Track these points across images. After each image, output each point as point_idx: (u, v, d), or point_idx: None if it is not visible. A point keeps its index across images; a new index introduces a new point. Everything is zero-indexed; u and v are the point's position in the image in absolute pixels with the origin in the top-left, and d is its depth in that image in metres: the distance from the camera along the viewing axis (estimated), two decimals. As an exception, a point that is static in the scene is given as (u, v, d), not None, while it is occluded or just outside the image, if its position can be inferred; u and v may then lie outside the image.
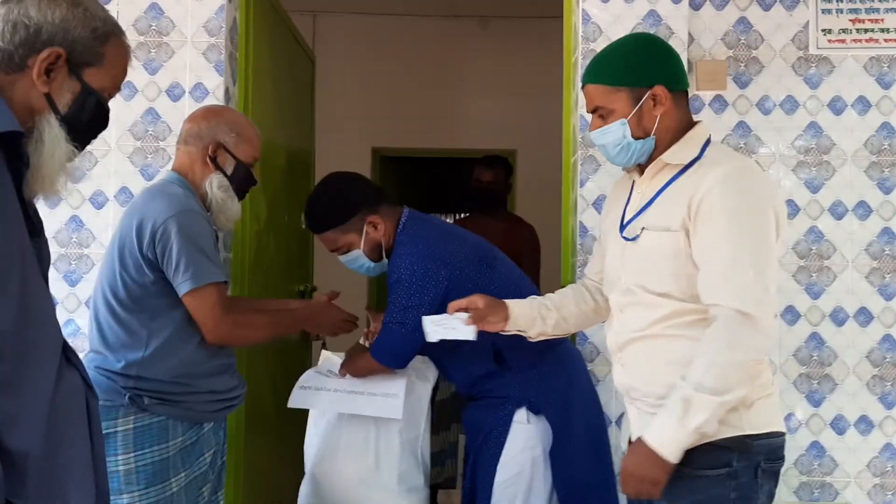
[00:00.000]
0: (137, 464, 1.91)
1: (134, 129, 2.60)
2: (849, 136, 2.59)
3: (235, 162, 2.11)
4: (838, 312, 2.56)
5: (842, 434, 2.55)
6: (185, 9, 2.61)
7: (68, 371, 1.37)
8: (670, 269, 1.62)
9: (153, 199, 1.99)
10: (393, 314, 2.14)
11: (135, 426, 1.92)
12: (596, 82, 1.71)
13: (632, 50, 1.72)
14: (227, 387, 2.07)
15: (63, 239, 2.60)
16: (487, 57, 5.74)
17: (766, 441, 1.60)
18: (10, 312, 1.23)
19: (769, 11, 2.61)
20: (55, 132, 1.32)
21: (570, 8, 2.71)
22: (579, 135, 2.58)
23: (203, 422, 2.02)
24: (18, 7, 1.32)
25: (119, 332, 1.95)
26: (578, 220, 2.56)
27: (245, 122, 2.20)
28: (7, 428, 1.21)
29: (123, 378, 1.93)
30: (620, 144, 1.70)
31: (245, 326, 2.06)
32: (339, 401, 2.21)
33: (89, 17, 1.36)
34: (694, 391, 1.50)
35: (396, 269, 2.15)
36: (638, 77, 1.68)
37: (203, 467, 2.04)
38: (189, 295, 1.93)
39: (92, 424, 1.41)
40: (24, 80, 1.32)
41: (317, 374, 2.29)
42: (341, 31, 5.70)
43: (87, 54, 1.36)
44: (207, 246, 1.97)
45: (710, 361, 1.52)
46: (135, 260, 1.93)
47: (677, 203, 1.63)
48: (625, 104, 1.68)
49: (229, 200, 2.10)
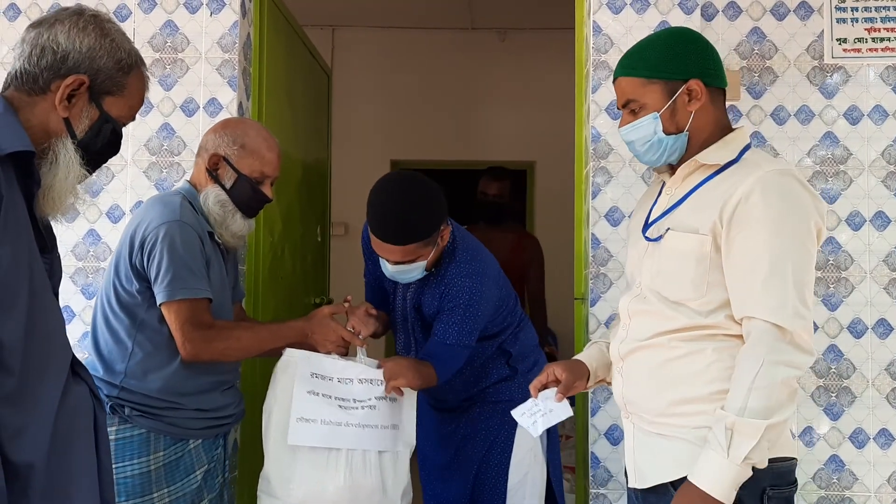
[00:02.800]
0: (118, 476, 1.86)
1: (149, 144, 2.64)
2: (866, 145, 2.56)
3: (237, 176, 2.03)
4: (856, 324, 2.52)
5: (861, 448, 2.50)
6: (200, 25, 2.65)
7: (76, 384, 1.40)
8: (691, 275, 1.54)
9: (150, 208, 1.97)
10: (460, 336, 2.09)
11: (116, 437, 1.89)
12: (628, 75, 1.62)
13: (667, 42, 1.63)
14: (216, 405, 2.01)
15: (80, 252, 2.64)
16: (505, 69, 5.75)
17: (772, 466, 1.50)
18: (18, 328, 1.26)
19: (783, 21, 2.59)
20: (70, 155, 1.36)
21: (581, 20, 2.71)
22: (591, 146, 2.57)
23: (188, 438, 1.97)
24: (49, 32, 1.37)
25: (109, 339, 1.95)
26: (591, 231, 2.55)
27: (255, 136, 2.08)
28: (12, 440, 1.23)
29: (108, 386, 1.91)
30: (650, 141, 1.61)
31: (221, 341, 1.94)
32: (339, 435, 1.99)
33: (115, 48, 1.40)
34: (737, 417, 1.41)
35: (462, 291, 2.09)
36: (673, 69, 1.59)
37: (192, 485, 1.98)
38: (163, 307, 1.90)
39: (99, 437, 1.44)
40: (44, 102, 1.36)
41: (310, 395, 2.01)
42: (359, 44, 5.75)
43: (109, 84, 1.40)
44: (192, 259, 1.90)
45: (751, 382, 1.42)
46: (125, 267, 1.92)
47: (709, 206, 1.54)
48: (658, 97, 1.59)
49: (228, 216, 2.02)
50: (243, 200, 2.04)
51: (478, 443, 2.23)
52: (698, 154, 1.60)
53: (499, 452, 2.20)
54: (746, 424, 1.41)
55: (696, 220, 1.55)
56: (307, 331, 2.08)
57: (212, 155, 2.04)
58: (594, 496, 2.49)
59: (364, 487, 1.98)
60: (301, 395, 2.00)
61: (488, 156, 5.62)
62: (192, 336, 1.89)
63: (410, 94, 5.76)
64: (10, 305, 1.25)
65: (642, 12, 2.56)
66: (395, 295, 2.26)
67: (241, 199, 2.04)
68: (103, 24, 1.41)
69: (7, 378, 1.24)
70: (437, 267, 2.14)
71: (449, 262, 2.15)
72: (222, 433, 2.08)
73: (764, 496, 1.50)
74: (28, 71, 1.36)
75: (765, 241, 1.47)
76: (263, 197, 2.08)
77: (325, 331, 2.07)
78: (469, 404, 2.25)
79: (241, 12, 2.66)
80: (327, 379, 2.03)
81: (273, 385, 2.05)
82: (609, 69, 2.55)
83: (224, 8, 2.64)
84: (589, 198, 2.58)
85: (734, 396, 1.44)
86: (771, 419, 1.42)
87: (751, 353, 1.45)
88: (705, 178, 1.59)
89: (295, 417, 1.98)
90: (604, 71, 2.56)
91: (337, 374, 2.04)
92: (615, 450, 2.48)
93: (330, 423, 1.99)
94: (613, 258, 2.53)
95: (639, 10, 2.56)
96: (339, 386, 2.03)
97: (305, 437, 1.98)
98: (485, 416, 2.24)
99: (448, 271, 2.13)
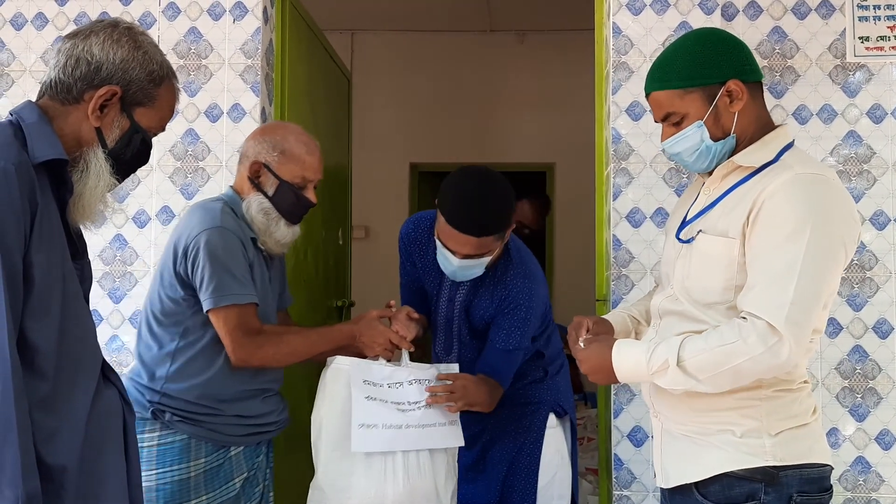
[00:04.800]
0: (158, 482, 1.88)
1: (174, 150, 2.67)
2: (890, 144, 2.54)
3: (279, 183, 2.00)
4: (881, 324, 2.50)
5: (888, 449, 2.48)
6: (223, 32, 2.68)
7: (106, 388, 1.43)
8: (721, 279, 1.51)
9: (192, 215, 1.98)
10: (520, 340, 2.11)
11: (158, 443, 1.90)
12: (662, 88, 1.57)
13: (696, 47, 1.57)
14: (258, 412, 1.99)
15: (108, 257, 2.68)
16: (524, 71, 5.76)
17: (799, 472, 1.48)
18: (52, 333, 1.29)
19: (804, 20, 2.58)
20: (101, 164, 1.39)
21: (601, 21, 2.71)
22: (612, 147, 2.57)
23: (230, 445, 1.96)
24: (84, 44, 1.40)
25: (152, 345, 1.96)
26: (612, 232, 2.55)
27: (295, 141, 2.04)
28: (46, 442, 1.26)
29: (150, 392, 1.93)
30: (698, 150, 1.56)
31: (271, 346, 1.94)
32: (401, 438, 1.98)
33: (147, 60, 1.43)
34: (675, 361, 1.45)
35: (521, 293, 2.10)
36: (709, 74, 1.54)
37: (231, 493, 1.97)
38: (211, 314, 1.91)
39: (128, 440, 1.46)
40: (77, 111, 1.39)
41: (368, 401, 1.99)
42: (379, 48, 5.78)
43: (140, 95, 1.43)
44: (235, 264, 1.90)
45: (708, 350, 1.43)
46: (169, 275, 1.94)
47: (738, 207, 1.50)
48: (698, 105, 1.54)
49: (272, 224, 2.00)
50: (286, 207, 2.02)
51: (507, 444, 2.21)
52: (735, 156, 1.57)
53: (528, 454, 2.19)
54: (675, 373, 1.46)
55: (725, 224, 1.52)
56: (356, 333, 2.06)
57: (252, 162, 2.01)
58: (617, 498, 2.49)
59: (420, 489, 1.97)
60: (360, 402, 1.97)
61: (508, 158, 5.64)
62: (242, 342, 1.89)
63: (429, 97, 5.78)
64: (45, 311, 1.28)
65: (662, 13, 2.56)
66: (440, 297, 2.24)
67: (283, 206, 2.01)
68: (136, 37, 1.43)
69: (41, 382, 1.27)
70: (493, 268, 2.13)
71: (506, 264, 2.15)
72: (264, 441, 2.06)
73: (791, 502, 1.48)
74: (62, 81, 1.39)
75: (779, 244, 1.43)
76: (307, 202, 2.05)
77: (373, 333, 2.05)
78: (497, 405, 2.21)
79: (264, 19, 2.69)
80: (378, 385, 2.02)
81: (321, 393, 2.03)
82: (629, 70, 2.55)
83: (247, 14, 2.67)
84: (610, 199, 2.58)
85: (694, 345, 1.45)
86: (695, 386, 1.46)
87: (733, 332, 1.43)
88: (741, 179, 1.55)
89: (357, 424, 1.95)
90: (624, 72, 2.56)
91: (386, 379, 2.03)
92: (638, 451, 2.48)
93: (391, 426, 1.97)
94: (635, 259, 2.53)
95: (658, 11, 2.56)
96: (392, 391, 2.02)
97: (369, 443, 1.95)
98: (514, 417, 2.23)
99: (507, 273, 2.13)
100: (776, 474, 1.48)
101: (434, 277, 2.24)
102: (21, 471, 1.17)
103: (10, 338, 1.20)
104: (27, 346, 1.25)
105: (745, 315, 1.44)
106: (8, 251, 1.21)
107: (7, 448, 1.17)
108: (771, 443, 1.49)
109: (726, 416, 1.51)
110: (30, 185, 1.26)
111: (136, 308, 2.66)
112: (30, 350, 1.25)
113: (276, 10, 2.81)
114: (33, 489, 1.19)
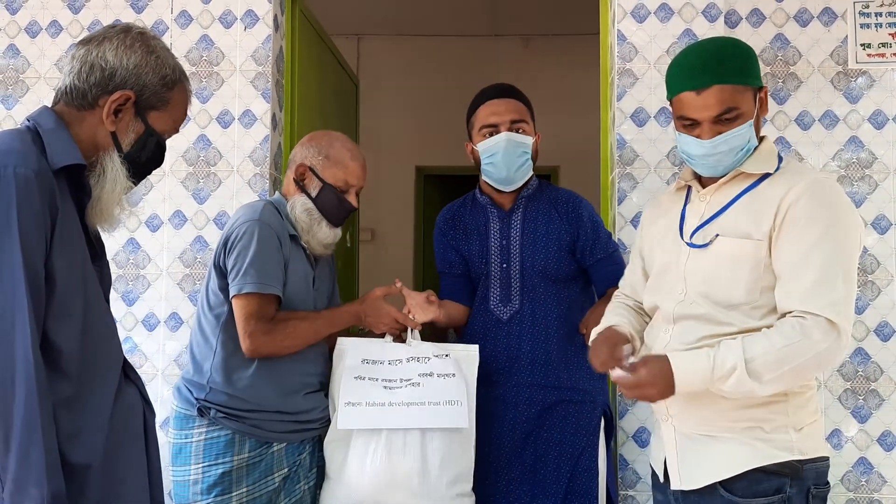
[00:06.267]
0: (203, 474, 1.95)
1: (186, 155, 2.72)
2: (891, 149, 2.58)
3: (322, 185, 2.10)
4: (883, 327, 2.54)
5: (890, 450, 2.51)
6: (235, 39, 2.73)
7: (127, 387, 1.47)
8: (745, 280, 1.55)
9: (237, 211, 2.09)
10: (610, 238, 2.31)
11: (206, 438, 1.96)
12: (723, 82, 1.55)
13: (737, 50, 1.60)
14: (299, 409, 2.02)
15: (121, 260, 2.73)
16: (529, 75, 5.77)
17: (814, 466, 1.55)
18: (75, 335, 1.33)
19: (806, 27, 2.62)
20: (117, 168, 1.42)
21: (605, 28, 2.75)
22: (617, 152, 2.61)
23: (272, 441, 2.00)
24: (97, 50, 1.43)
25: (200, 340, 2.03)
26: (617, 236, 2.59)
27: (340, 147, 2.15)
28: (70, 441, 1.29)
29: (198, 388, 1.98)
30: (744, 148, 1.59)
31: (279, 332, 1.97)
32: (396, 415, 2.00)
33: (160, 64, 1.46)
34: (744, 364, 1.45)
35: (583, 200, 2.34)
36: (756, 76, 1.59)
37: (269, 487, 2.00)
38: (234, 300, 1.96)
39: (149, 439, 1.49)
40: (92, 117, 1.42)
41: (357, 380, 2.05)
42: (384, 52, 5.82)
43: (154, 99, 1.46)
44: (267, 256, 1.96)
45: (774, 350, 1.45)
46: (216, 268, 2.02)
47: (760, 211, 1.55)
48: (750, 104, 1.58)
49: (315, 224, 2.09)
50: (328, 208, 2.11)
51: (565, 449, 2.15)
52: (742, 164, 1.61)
53: (588, 458, 2.14)
54: (742, 375, 1.45)
55: (747, 226, 1.56)
56: (361, 314, 2.14)
57: (298, 165, 2.12)
58: (623, 497, 2.52)
59: (401, 469, 1.98)
60: (348, 381, 2.05)
61: (513, 161, 5.66)
62: (252, 329, 1.94)
63: (435, 101, 5.82)
64: (68, 313, 1.31)
65: (666, 21, 2.60)
66: (490, 252, 2.28)
67: (325, 207, 2.10)
68: (149, 42, 1.46)
69: (65, 382, 1.30)
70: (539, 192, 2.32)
71: (541, 190, 2.34)
72: (308, 438, 2.09)
73: (809, 495, 1.54)
74: (77, 87, 1.41)
75: (816, 241, 1.49)
76: (349, 206, 2.13)
77: (378, 313, 2.14)
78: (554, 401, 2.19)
79: (274, 26, 2.74)
80: (378, 363, 2.08)
81: (332, 374, 2.12)
82: (634, 77, 2.59)
83: (258, 22, 2.72)
84: (615, 203, 2.62)
85: (757, 347, 1.46)
86: (762, 388, 1.46)
87: (800, 328, 1.46)
88: (749, 185, 1.60)
89: (343, 402, 2.03)
90: (628, 78, 2.60)
91: (387, 357, 2.10)
92: (643, 452, 2.51)
93: (374, 404, 2.02)
94: (640, 263, 2.57)
95: (663, 19, 2.60)
96: (388, 368, 2.08)
97: (354, 420, 2.01)
98: (572, 416, 2.17)
99: (558, 193, 2.34)
100: (801, 468, 1.54)
101: (478, 239, 2.31)
102: (46, 471, 1.20)
103: (34, 340, 1.23)
104: (51, 348, 1.29)
105: (799, 314, 1.49)
106: (30, 256, 1.25)
107: (32, 448, 1.20)
108: (797, 437, 1.55)
109: (757, 412, 1.55)
110: (50, 191, 1.29)
111: (148, 310, 2.70)
112: (53, 351, 1.29)
113: (286, 17, 2.86)
114: (58, 488, 1.22)
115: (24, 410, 1.21)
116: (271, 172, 2.72)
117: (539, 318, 2.23)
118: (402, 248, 5.97)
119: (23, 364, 1.21)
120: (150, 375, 2.67)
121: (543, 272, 2.23)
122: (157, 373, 2.68)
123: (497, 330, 2.24)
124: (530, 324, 2.22)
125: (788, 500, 1.52)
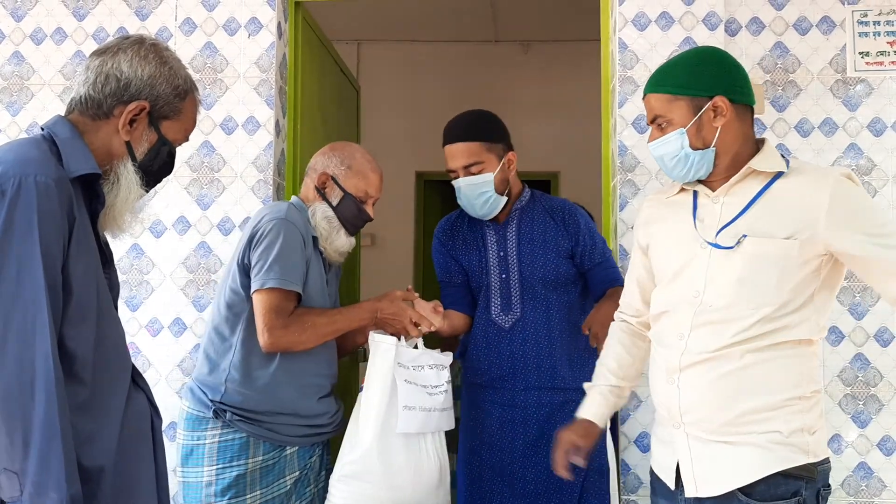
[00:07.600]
0: (217, 476, 1.96)
1: (190, 161, 2.74)
2: (890, 157, 2.60)
3: (343, 194, 2.16)
4: (883, 333, 2.56)
5: (889, 455, 2.53)
6: (238, 46, 2.75)
7: (136, 393, 1.49)
8: (774, 278, 1.55)
9: (261, 211, 2.11)
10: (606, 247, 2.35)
11: (219, 441, 1.98)
12: (656, 91, 1.67)
13: (694, 60, 1.68)
14: (312, 412, 2.05)
15: (125, 266, 2.74)
16: (529, 81, 5.82)
17: (823, 468, 1.57)
18: (89, 340, 1.35)
19: (805, 36, 2.64)
20: (131, 176, 1.45)
21: (607, 36, 2.78)
22: (618, 159, 2.63)
23: (286, 444, 2.03)
24: (112, 60, 1.45)
25: (216, 340, 2.05)
26: (619, 242, 2.61)
27: (362, 159, 2.21)
28: (85, 445, 1.32)
29: (212, 390, 2.00)
30: (677, 156, 1.65)
31: (299, 330, 1.98)
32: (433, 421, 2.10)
33: (173, 75, 1.49)
34: None
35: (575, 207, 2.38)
36: (698, 86, 1.63)
37: (281, 490, 2.03)
38: (254, 295, 1.98)
39: (156, 442, 1.52)
40: (107, 126, 1.45)
41: (408, 384, 2.07)
42: (385, 58, 5.84)
43: (167, 109, 1.49)
44: (290, 254, 1.98)
45: None
46: (239, 266, 2.03)
47: (788, 211, 1.57)
48: (684, 113, 1.63)
49: (333, 232, 2.14)
50: (347, 217, 2.17)
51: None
52: (751, 161, 1.63)
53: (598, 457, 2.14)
54: None
55: (773, 226, 1.57)
56: (377, 310, 2.14)
57: (321, 174, 2.18)
58: (625, 502, 2.54)
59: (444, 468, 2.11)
60: (402, 384, 2.06)
61: (513, 166, 5.68)
62: (271, 324, 1.94)
63: (435, 107, 5.80)
64: (83, 319, 1.34)
65: (667, 29, 2.62)
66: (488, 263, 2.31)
67: (345, 216, 2.16)
68: (162, 53, 1.49)
69: (80, 387, 1.32)
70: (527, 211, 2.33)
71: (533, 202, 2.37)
72: (319, 442, 2.12)
73: (819, 496, 1.56)
74: (92, 97, 1.44)
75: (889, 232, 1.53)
76: (366, 215, 2.20)
77: (396, 310, 2.15)
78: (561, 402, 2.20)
79: (278, 34, 2.76)
80: (406, 367, 2.10)
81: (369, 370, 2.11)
82: (635, 84, 2.62)
83: (261, 30, 2.74)
84: (616, 210, 2.64)
85: None
86: None
87: None
88: (765, 184, 1.62)
89: (402, 406, 2.05)
90: (630, 86, 2.62)
91: (411, 362, 2.11)
92: (645, 457, 2.53)
93: (425, 409, 2.07)
94: (641, 269, 2.58)
95: (664, 27, 2.62)
96: (417, 373, 2.12)
97: (411, 424, 2.05)
98: None
99: (552, 201, 2.37)
100: (816, 470, 1.55)
101: (476, 251, 2.35)
102: (65, 475, 1.23)
103: (53, 347, 1.25)
104: (66, 354, 1.31)
105: None
106: (50, 263, 1.27)
107: (52, 454, 1.23)
108: (812, 440, 1.56)
109: (775, 416, 1.55)
110: (68, 199, 1.32)
111: (152, 316, 2.72)
112: (69, 357, 1.31)
113: (289, 25, 2.88)
114: (76, 492, 1.24)
115: (44, 415, 1.23)
116: (275, 178, 2.73)
117: (541, 324, 2.27)
118: (402, 253, 5.99)
119: (42, 369, 1.24)
120: (154, 381, 2.68)
121: (543, 279, 2.28)
122: (161, 378, 2.69)
123: (500, 339, 2.28)
124: (533, 330, 2.27)
125: (804, 502, 1.53)
